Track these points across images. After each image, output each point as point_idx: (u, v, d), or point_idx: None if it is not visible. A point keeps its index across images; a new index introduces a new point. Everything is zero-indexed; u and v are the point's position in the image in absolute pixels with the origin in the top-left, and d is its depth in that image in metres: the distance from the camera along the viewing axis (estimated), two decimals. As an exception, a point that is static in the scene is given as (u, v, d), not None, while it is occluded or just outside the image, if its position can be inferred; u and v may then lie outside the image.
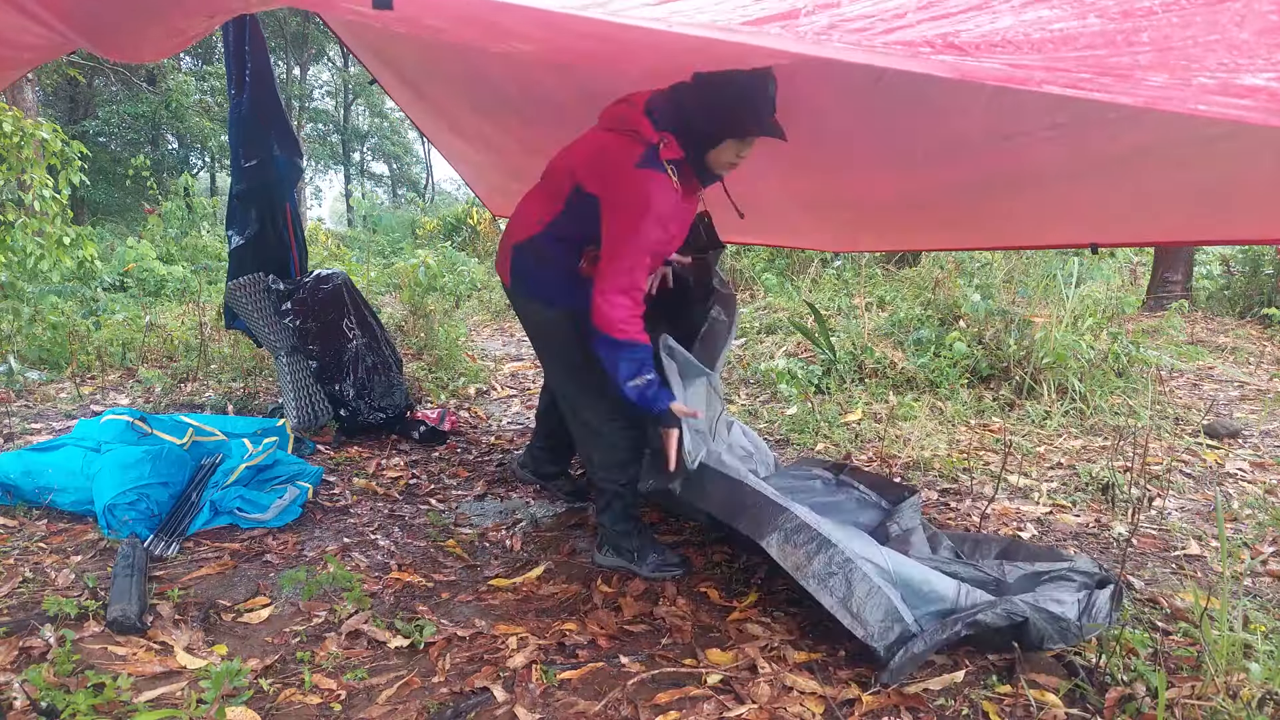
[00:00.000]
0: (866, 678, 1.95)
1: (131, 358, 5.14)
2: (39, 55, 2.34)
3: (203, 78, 19.67)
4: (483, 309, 8.62)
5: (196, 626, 2.12)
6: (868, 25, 1.12)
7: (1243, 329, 6.55)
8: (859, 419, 4.16)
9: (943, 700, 1.85)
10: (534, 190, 2.47)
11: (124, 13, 1.86)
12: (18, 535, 2.62)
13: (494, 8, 1.49)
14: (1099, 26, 1.00)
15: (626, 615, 2.25)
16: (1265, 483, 3.34)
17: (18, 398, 4.28)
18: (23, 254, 5.62)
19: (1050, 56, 0.99)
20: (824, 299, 6.46)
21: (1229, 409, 4.46)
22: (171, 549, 2.55)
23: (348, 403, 3.76)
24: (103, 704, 1.73)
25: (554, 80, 2.80)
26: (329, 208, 42.36)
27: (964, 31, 1.05)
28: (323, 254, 9.58)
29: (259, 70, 3.65)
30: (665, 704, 1.84)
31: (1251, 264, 7.65)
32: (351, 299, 3.91)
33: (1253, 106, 0.88)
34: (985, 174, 2.81)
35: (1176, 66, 0.94)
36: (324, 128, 30.58)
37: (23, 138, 5.47)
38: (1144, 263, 9.20)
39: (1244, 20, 0.94)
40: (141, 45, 2.15)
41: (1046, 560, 2.32)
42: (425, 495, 3.20)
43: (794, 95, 2.38)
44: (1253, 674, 1.71)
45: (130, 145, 19.46)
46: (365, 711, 1.80)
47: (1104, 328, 5.05)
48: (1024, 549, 2.44)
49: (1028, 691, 1.84)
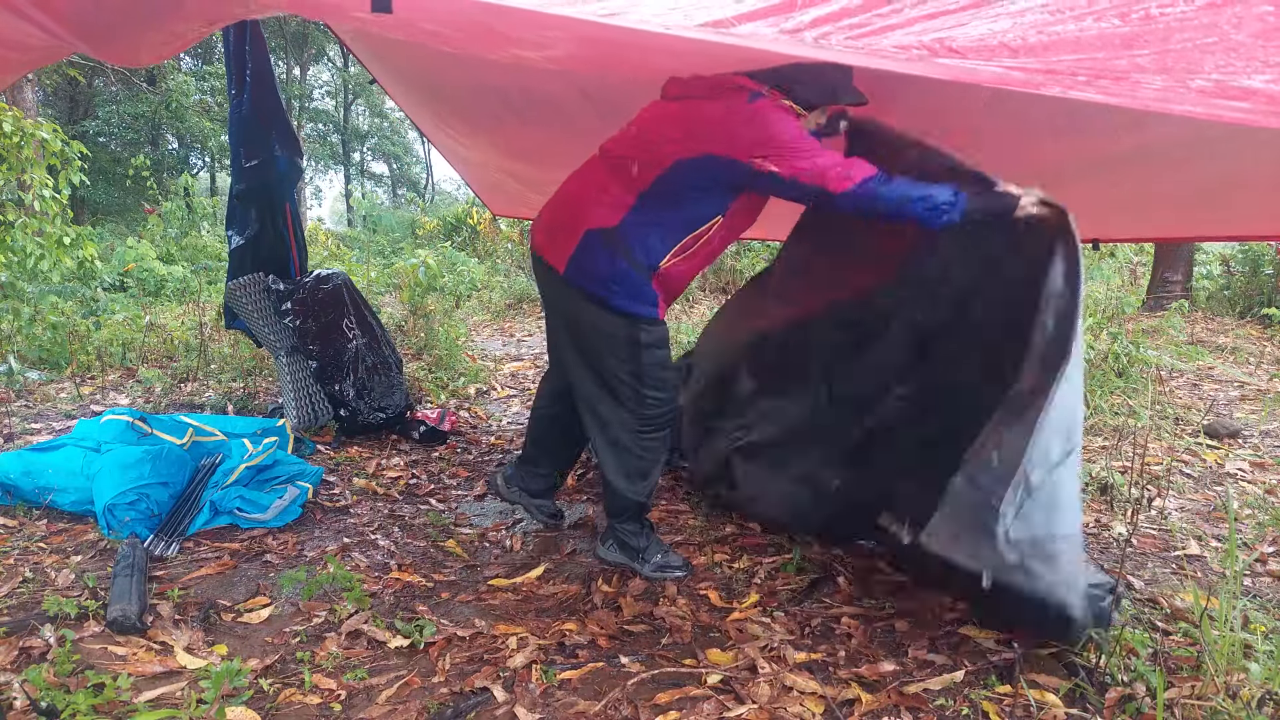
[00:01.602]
0: (866, 678, 1.95)
1: (131, 358, 5.15)
2: (37, 58, 2.34)
3: (203, 78, 19.67)
4: (483, 309, 8.62)
5: (196, 626, 2.12)
6: (864, 22, 1.13)
7: (1243, 329, 6.56)
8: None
9: (943, 700, 1.85)
10: (594, 171, 2.28)
11: (122, 18, 1.86)
12: (18, 535, 2.62)
13: (492, 13, 1.50)
14: (1097, 30, 1.00)
15: (626, 615, 2.25)
16: (1265, 483, 3.34)
17: (18, 398, 4.28)
18: (23, 254, 5.62)
19: (1049, 59, 1.00)
20: (824, 299, 6.45)
21: (1229, 409, 4.46)
22: (171, 549, 2.55)
23: (348, 403, 3.76)
24: (103, 704, 1.74)
25: (554, 81, 2.80)
26: (329, 208, 42.35)
27: (960, 34, 1.05)
28: (323, 254, 9.58)
29: (259, 70, 3.65)
30: (665, 704, 1.84)
31: (1251, 264, 7.65)
32: (351, 299, 3.91)
33: (1250, 109, 0.88)
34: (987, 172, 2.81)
35: (1174, 69, 0.94)
36: (324, 128, 30.57)
37: (23, 138, 5.46)
38: (1144, 262, 9.20)
39: (1241, 23, 0.94)
40: (139, 49, 2.15)
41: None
42: (425, 495, 3.20)
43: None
44: (1253, 674, 1.71)
45: (130, 145, 19.45)
46: (365, 711, 1.80)
47: (1104, 327, 5.05)
48: None
49: (1028, 691, 1.84)
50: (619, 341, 2.27)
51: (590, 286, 2.23)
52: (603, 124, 3.00)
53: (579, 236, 2.21)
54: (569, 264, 2.24)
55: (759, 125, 2.04)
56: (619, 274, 2.20)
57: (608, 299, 2.22)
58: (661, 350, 2.32)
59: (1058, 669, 1.95)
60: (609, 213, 2.19)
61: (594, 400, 2.40)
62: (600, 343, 2.30)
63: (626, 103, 2.74)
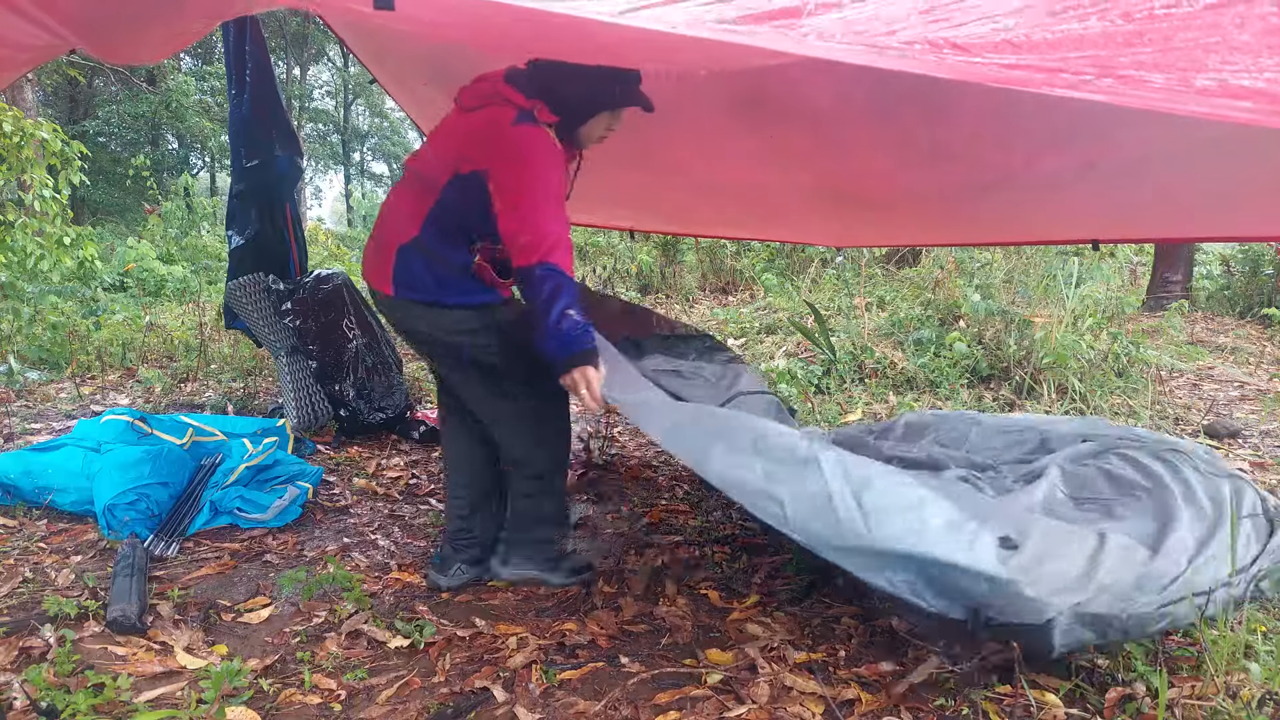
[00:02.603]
0: (866, 678, 1.95)
1: (131, 358, 5.14)
2: (37, 57, 2.34)
3: (203, 78, 19.68)
4: (483, 309, 8.61)
5: (196, 626, 2.12)
6: (869, 27, 1.13)
7: (1243, 329, 6.55)
8: (859, 419, 4.16)
9: (943, 700, 1.85)
10: (399, 189, 2.29)
11: (123, 15, 1.86)
12: (18, 535, 2.62)
13: (494, 8, 1.49)
14: (1100, 28, 1.00)
15: (626, 615, 2.25)
16: (1265, 483, 3.34)
17: (18, 398, 4.28)
18: (23, 254, 5.62)
19: (1051, 58, 0.99)
20: (824, 299, 6.47)
21: (1229, 409, 4.46)
22: (171, 549, 2.55)
23: (348, 403, 3.76)
24: (103, 704, 1.73)
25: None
26: (329, 208, 42.38)
27: (965, 32, 1.05)
28: (323, 254, 9.58)
29: (259, 70, 3.65)
30: (665, 704, 1.84)
31: (1251, 264, 7.65)
32: (351, 299, 3.91)
33: (1252, 109, 0.88)
34: (987, 171, 2.82)
35: (1177, 68, 0.94)
36: (324, 128, 30.60)
37: (23, 138, 5.47)
38: (1144, 263, 9.20)
39: (1245, 22, 0.94)
40: (140, 47, 2.15)
41: None
42: (425, 495, 3.20)
43: (795, 86, 2.38)
44: (1253, 674, 1.71)
45: (130, 145, 19.47)
46: (365, 711, 1.80)
47: (1104, 328, 5.05)
48: None
49: (1028, 691, 1.84)
50: (478, 332, 2.22)
51: (419, 296, 2.19)
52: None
53: (393, 254, 2.19)
54: (393, 284, 2.20)
55: (513, 157, 2.03)
56: (440, 279, 2.17)
57: (440, 300, 2.19)
58: (525, 326, 2.19)
59: (1058, 669, 1.95)
60: (410, 225, 2.17)
61: (481, 395, 2.33)
62: (459, 341, 2.24)
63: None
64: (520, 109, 2.05)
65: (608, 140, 2.29)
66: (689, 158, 3.21)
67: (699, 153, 3.15)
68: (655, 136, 2.93)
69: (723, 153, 3.11)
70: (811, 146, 2.93)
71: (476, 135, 2.08)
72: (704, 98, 2.63)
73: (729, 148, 3.04)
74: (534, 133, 2.04)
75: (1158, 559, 1.81)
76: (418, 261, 2.17)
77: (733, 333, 6.00)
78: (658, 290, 8.57)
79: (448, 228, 2.15)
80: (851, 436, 2.97)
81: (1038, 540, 1.77)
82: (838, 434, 3.10)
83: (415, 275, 2.17)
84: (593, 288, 8.45)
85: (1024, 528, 1.81)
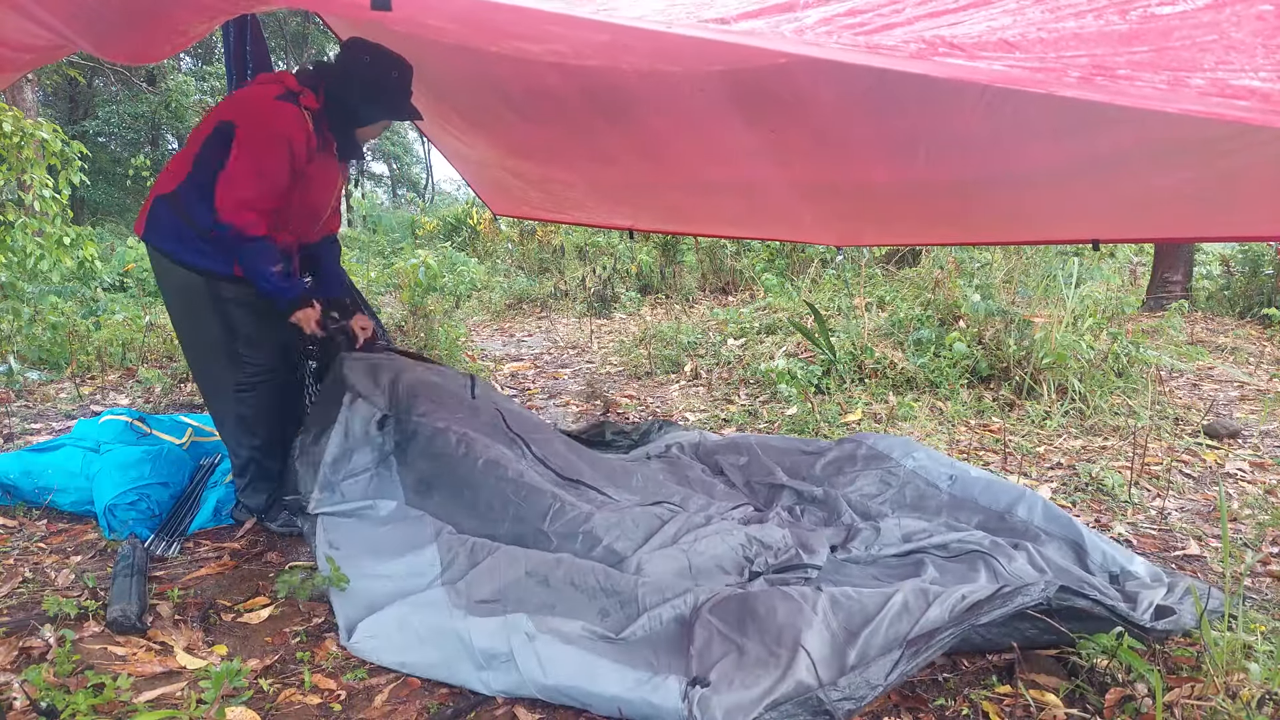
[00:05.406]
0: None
1: (131, 358, 5.15)
2: (39, 57, 2.35)
3: (203, 78, 19.67)
4: (483, 309, 8.63)
5: (196, 626, 2.12)
6: (864, 22, 1.12)
7: (1243, 329, 6.55)
8: (859, 419, 4.16)
9: (943, 700, 1.85)
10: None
11: (125, 15, 1.86)
12: (18, 535, 2.62)
13: (492, 8, 1.50)
14: (1096, 27, 1.00)
15: (626, 615, 2.24)
16: (1265, 483, 3.34)
17: (18, 398, 4.28)
18: (23, 254, 5.62)
19: (1047, 57, 0.99)
20: (824, 299, 6.46)
21: (1229, 409, 4.46)
22: (171, 549, 2.55)
23: (348, 403, 3.74)
24: (103, 704, 1.73)
25: (555, 78, 2.80)
26: (329, 208, 42.26)
27: (961, 31, 1.05)
28: (322, 254, 9.55)
29: (259, 70, 3.64)
30: (665, 704, 1.84)
31: (1251, 264, 7.64)
32: (352, 299, 3.90)
33: (1249, 107, 0.88)
34: (987, 170, 2.82)
35: (1173, 67, 0.94)
36: (324, 128, 30.51)
37: (23, 138, 5.47)
38: (1144, 263, 9.20)
39: (1242, 21, 0.94)
40: (141, 47, 2.15)
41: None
42: (425, 495, 3.19)
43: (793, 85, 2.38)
44: (1253, 674, 1.71)
45: (130, 145, 19.46)
46: (365, 711, 1.80)
47: (1104, 328, 5.04)
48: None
49: (1027, 692, 1.84)
50: (202, 297, 2.41)
51: (159, 242, 2.41)
52: (603, 120, 3.01)
53: (151, 202, 2.43)
54: (145, 227, 2.43)
55: (262, 121, 2.29)
56: (179, 231, 2.37)
57: (175, 254, 2.39)
58: (248, 310, 2.44)
59: (1058, 669, 1.95)
60: (171, 180, 2.39)
61: (195, 359, 2.56)
62: (181, 300, 2.46)
63: (627, 98, 2.74)
64: (287, 89, 2.35)
65: (606, 137, 2.31)
66: (688, 154, 3.21)
67: (698, 149, 3.16)
68: (654, 133, 2.93)
69: (722, 149, 3.11)
70: (811, 144, 2.93)
71: (244, 99, 2.40)
72: (703, 95, 2.63)
73: (728, 144, 3.04)
74: (285, 110, 2.31)
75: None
76: (167, 214, 2.39)
77: (733, 333, 6.00)
78: (658, 290, 8.57)
79: (200, 185, 2.33)
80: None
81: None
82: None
83: (161, 223, 2.41)
84: (589, 287, 8.45)
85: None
